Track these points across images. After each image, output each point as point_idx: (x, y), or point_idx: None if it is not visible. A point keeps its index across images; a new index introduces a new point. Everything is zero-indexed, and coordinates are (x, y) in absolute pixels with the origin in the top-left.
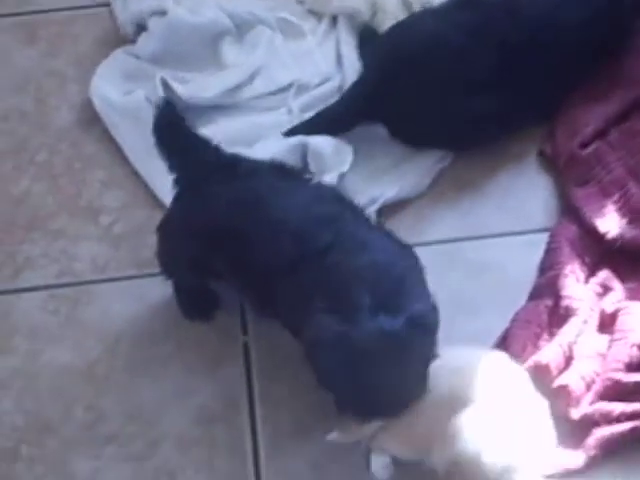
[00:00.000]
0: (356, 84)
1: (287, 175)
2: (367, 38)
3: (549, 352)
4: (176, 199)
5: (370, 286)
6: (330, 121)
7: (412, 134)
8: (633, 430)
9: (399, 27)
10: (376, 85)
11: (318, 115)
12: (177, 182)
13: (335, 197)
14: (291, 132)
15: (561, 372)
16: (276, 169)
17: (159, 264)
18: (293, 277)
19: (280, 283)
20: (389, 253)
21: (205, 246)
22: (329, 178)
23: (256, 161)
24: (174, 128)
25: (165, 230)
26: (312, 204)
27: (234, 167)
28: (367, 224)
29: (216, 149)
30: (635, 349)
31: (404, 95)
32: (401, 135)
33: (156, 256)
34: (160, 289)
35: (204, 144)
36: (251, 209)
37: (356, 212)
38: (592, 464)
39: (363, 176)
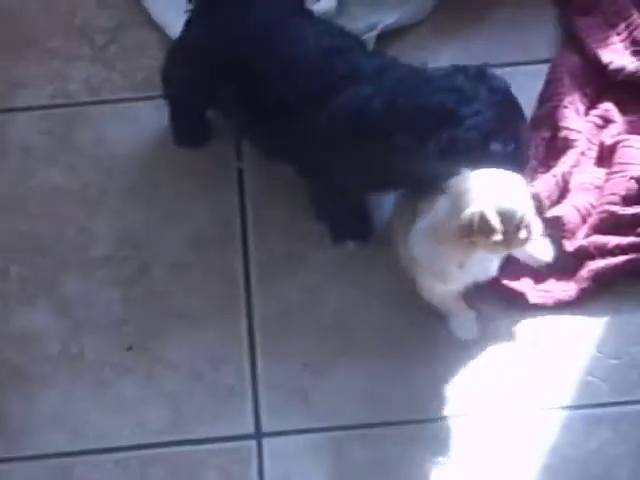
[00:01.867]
0: None
1: (300, 8)
2: None
3: (541, 183)
4: (189, 22)
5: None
6: None
7: None
8: (627, 263)
9: None
10: None
11: None
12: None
13: (343, 32)
14: None
15: (555, 204)
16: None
17: (163, 85)
18: (312, 111)
19: (296, 118)
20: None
21: (216, 75)
22: (328, 1)
23: None
24: None
25: (176, 53)
26: (323, 37)
27: None
28: (376, 55)
29: None
30: (633, 182)
31: None
32: None
33: (161, 76)
34: (155, 113)
35: None
36: (264, 40)
37: (363, 45)
38: (584, 297)
39: (364, 1)
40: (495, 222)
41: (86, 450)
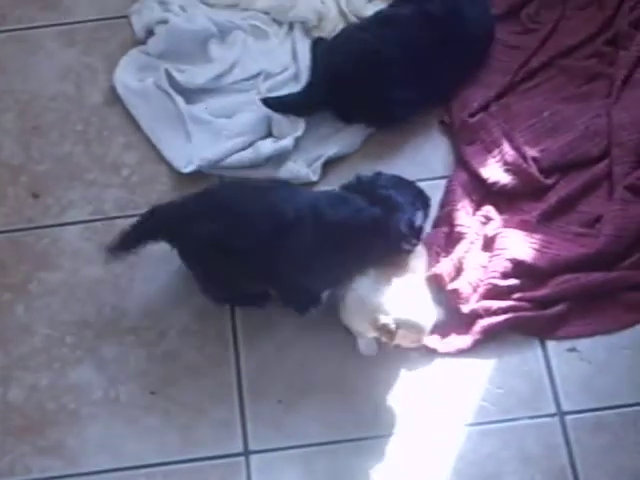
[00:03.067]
0: (310, 87)
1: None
2: (318, 42)
3: (442, 265)
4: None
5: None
6: (295, 105)
7: (351, 117)
8: (506, 321)
9: (337, 40)
10: (325, 89)
11: (288, 97)
12: None
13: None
14: (267, 102)
15: (453, 280)
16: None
17: None
18: (282, 242)
19: (272, 252)
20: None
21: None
22: (287, 140)
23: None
24: None
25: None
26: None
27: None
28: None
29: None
30: (508, 262)
31: (345, 94)
32: (343, 118)
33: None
34: None
35: None
36: (246, 225)
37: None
38: (477, 345)
39: (313, 139)
40: (392, 327)
41: (123, 467)
